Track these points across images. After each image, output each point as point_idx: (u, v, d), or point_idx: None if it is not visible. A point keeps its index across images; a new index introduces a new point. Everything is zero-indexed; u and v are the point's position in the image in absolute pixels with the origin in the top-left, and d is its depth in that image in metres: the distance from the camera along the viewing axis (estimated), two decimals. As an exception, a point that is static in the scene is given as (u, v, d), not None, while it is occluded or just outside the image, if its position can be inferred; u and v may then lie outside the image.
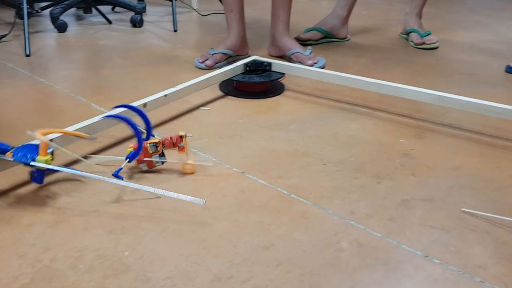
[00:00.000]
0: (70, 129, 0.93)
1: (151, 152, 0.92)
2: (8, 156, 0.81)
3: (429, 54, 1.87)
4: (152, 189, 0.80)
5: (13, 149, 0.81)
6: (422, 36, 1.96)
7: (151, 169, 0.94)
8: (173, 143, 0.93)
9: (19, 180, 0.89)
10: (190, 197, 0.77)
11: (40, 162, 0.79)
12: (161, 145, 0.92)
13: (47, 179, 0.89)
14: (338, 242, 0.73)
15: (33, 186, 0.87)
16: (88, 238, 0.74)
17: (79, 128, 0.94)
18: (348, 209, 0.82)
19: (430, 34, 1.98)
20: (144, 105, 1.07)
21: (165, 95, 1.13)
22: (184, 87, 1.19)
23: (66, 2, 2.17)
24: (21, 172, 0.90)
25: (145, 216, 0.79)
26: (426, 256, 0.71)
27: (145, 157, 0.92)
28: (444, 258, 0.71)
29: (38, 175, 0.83)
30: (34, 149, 0.81)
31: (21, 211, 0.80)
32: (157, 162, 0.93)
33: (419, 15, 2.05)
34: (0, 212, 0.79)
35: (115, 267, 0.68)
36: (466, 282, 0.66)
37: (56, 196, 0.84)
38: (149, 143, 0.91)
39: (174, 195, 0.78)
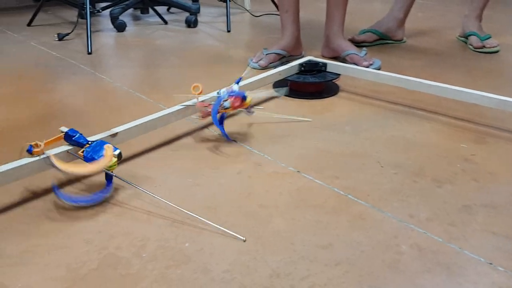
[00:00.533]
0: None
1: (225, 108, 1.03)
2: (80, 155, 0.84)
3: (489, 58, 1.81)
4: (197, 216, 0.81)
5: (86, 146, 0.84)
6: (482, 40, 1.90)
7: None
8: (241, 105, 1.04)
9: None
10: (231, 232, 0.76)
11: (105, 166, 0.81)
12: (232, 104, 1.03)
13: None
14: (397, 245, 0.72)
15: (97, 177, 0.91)
16: (151, 229, 0.76)
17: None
18: (407, 212, 0.81)
19: (490, 37, 1.91)
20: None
21: (218, 93, 1.14)
22: (240, 85, 1.20)
23: (126, 3, 2.25)
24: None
25: (203, 210, 0.81)
26: (490, 263, 0.69)
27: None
28: (509, 266, 0.68)
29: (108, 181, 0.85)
30: (99, 150, 0.83)
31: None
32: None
33: (479, 18, 1.98)
34: (62, 202, 0.83)
35: (177, 258, 0.70)
36: None
37: (120, 187, 0.88)
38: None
39: (216, 228, 0.77)
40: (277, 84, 1.42)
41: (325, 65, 1.41)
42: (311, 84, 1.37)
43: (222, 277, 0.66)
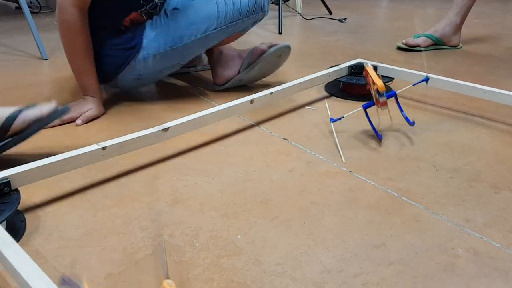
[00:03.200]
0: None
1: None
2: None
3: (551, 66, 1.73)
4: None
5: None
6: (544, 46, 1.82)
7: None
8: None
9: (139, 161, 0.96)
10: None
11: None
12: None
13: (161, 163, 0.96)
14: (453, 248, 0.71)
15: (154, 168, 0.94)
16: (203, 219, 0.78)
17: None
18: (463, 216, 0.79)
19: (553, 44, 1.83)
20: (251, 101, 1.10)
21: (271, 93, 1.15)
22: (289, 86, 1.20)
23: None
24: (141, 155, 0.98)
25: (255, 204, 0.82)
26: (554, 273, 0.66)
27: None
28: None
29: None
30: None
31: (142, 190, 0.86)
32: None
33: (542, 24, 1.90)
34: (125, 190, 0.87)
35: (228, 248, 0.71)
36: None
37: (174, 179, 0.90)
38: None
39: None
40: (329, 85, 1.42)
41: (375, 68, 1.39)
42: (363, 85, 1.35)
43: (274, 270, 0.66)
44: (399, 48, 1.93)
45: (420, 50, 1.89)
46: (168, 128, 0.95)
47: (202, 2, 1.21)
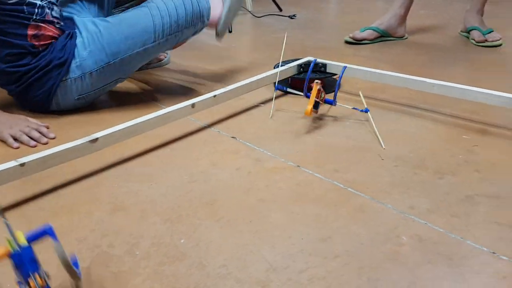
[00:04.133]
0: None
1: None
2: None
3: (491, 52, 1.79)
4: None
5: None
6: (484, 34, 1.87)
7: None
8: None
9: (79, 170, 0.92)
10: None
11: None
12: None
13: (102, 171, 0.92)
14: (397, 236, 0.71)
15: (94, 177, 0.90)
16: (144, 226, 0.75)
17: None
18: (408, 204, 0.79)
19: (492, 31, 1.89)
20: (192, 105, 1.06)
21: (214, 96, 1.11)
22: (233, 88, 1.16)
23: (121, 8, 2.24)
24: (81, 164, 0.93)
25: (200, 206, 0.80)
26: (493, 253, 0.67)
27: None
28: (514, 256, 0.66)
29: None
30: None
31: (80, 199, 0.83)
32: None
33: (481, 12, 1.95)
34: (62, 200, 0.82)
35: (171, 254, 0.68)
36: None
37: (114, 186, 0.87)
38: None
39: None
40: (279, 83, 1.41)
41: (325, 66, 1.39)
42: (311, 80, 1.35)
43: (218, 272, 0.64)
44: (347, 42, 1.95)
45: (367, 43, 1.92)
46: (98, 138, 0.89)
47: (136, 15, 1.18)
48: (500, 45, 1.86)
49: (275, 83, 1.39)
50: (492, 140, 1.02)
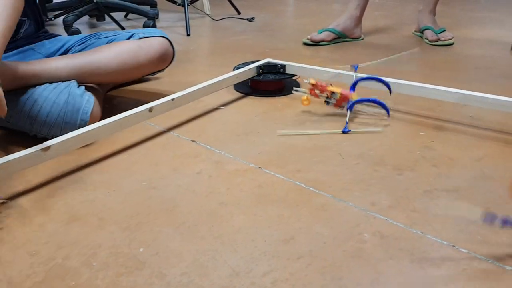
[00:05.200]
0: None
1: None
2: None
3: (444, 51, 1.84)
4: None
5: None
6: (436, 33, 1.93)
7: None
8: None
9: (32, 180, 0.88)
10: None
11: None
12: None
13: (56, 180, 0.88)
14: (359, 234, 0.71)
15: (48, 187, 0.86)
16: (102, 236, 0.72)
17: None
18: (369, 201, 0.79)
19: (444, 30, 1.95)
20: (150, 109, 1.03)
21: (172, 99, 1.09)
22: (192, 91, 1.14)
23: (79, 10, 2.18)
24: (33, 173, 0.89)
25: (160, 212, 0.78)
26: (453, 246, 0.68)
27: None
28: (472, 248, 0.67)
29: None
30: None
31: (34, 210, 0.79)
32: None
33: (433, 12, 2.01)
34: (13, 213, 0.78)
35: (130, 264, 0.66)
36: (496, 271, 0.63)
37: (69, 196, 0.83)
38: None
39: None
40: (239, 85, 1.40)
41: (283, 66, 1.39)
42: (271, 82, 1.35)
43: (179, 280, 0.62)
44: (305, 44, 1.96)
45: (325, 45, 1.93)
46: (50, 146, 0.85)
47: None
48: (452, 43, 1.92)
49: (235, 85, 1.39)
50: (448, 136, 1.05)
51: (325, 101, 1.17)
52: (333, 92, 1.15)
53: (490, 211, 0.69)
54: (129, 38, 1.18)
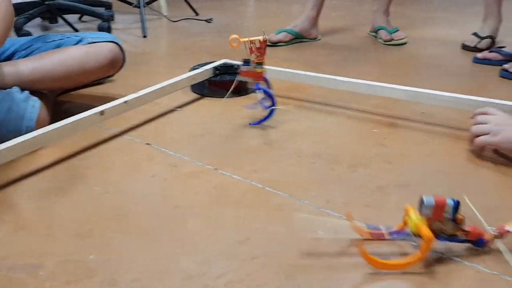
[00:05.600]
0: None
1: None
2: None
3: (398, 50, 1.89)
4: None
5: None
6: (390, 33, 1.98)
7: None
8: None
9: (-23, 189, 0.84)
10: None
11: None
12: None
13: (2, 189, 0.85)
14: (315, 232, 0.71)
15: (-8, 194, 0.82)
16: (50, 244, 0.69)
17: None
18: (324, 198, 0.80)
19: (398, 30, 2.00)
20: (101, 112, 1.00)
21: (125, 102, 1.06)
22: (146, 93, 1.12)
23: (30, 12, 2.11)
24: (-20, 181, 0.85)
25: (112, 218, 0.75)
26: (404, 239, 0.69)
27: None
28: (424, 241, 0.69)
29: None
30: None
31: (-22, 220, 0.75)
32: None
33: (387, 13, 2.06)
34: (-44, 223, 0.74)
35: (79, 272, 0.63)
36: (444, 262, 0.64)
37: (17, 204, 0.80)
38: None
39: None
40: (196, 86, 1.38)
41: (239, 67, 1.38)
42: (229, 82, 1.34)
43: (131, 287, 0.61)
44: (263, 44, 1.96)
45: (283, 45, 1.95)
46: None
47: None
48: (405, 43, 1.97)
49: (192, 86, 1.37)
50: (400, 132, 1.07)
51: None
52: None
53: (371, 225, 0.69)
54: (77, 43, 1.15)
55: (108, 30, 2.19)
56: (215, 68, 1.37)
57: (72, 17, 2.47)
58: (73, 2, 2.31)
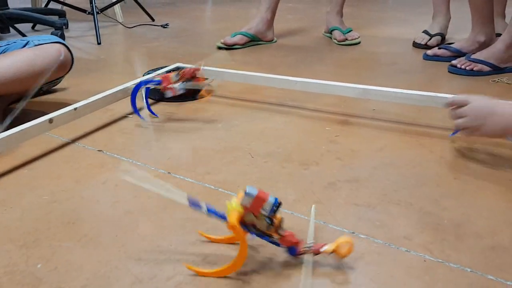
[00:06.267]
0: None
1: (173, 80, 1.10)
2: None
3: (352, 49, 1.93)
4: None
5: None
6: (344, 33, 2.02)
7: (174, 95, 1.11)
8: (191, 74, 1.11)
9: None
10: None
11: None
12: (182, 74, 1.10)
13: (-50, 200, 0.82)
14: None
15: None
16: (-4, 256, 0.67)
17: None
18: (275, 196, 0.81)
19: (351, 30, 2.04)
20: (50, 120, 0.98)
21: (75, 109, 1.05)
22: (96, 100, 1.10)
23: (-23, 22, 2.04)
24: None
25: (61, 226, 0.74)
26: (353, 233, 0.71)
27: (167, 85, 1.10)
28: (371, 233, 0.71)
29: None
30: None
31: None
32: (180, 89, 1.10)
33: (340, 13, 2.10)
34: None
35: (26, 282, 0.62)
36: (392, 253, 0.66)
37: (-40, 216, 0.77)
38: (173, 73, 1.11)
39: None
40: (151, 91, 1.37)
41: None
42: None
43: (79, 294, 0.60)
44: (219, 48, 1.97)
45: (238, 48, 1.96)
46: None
47: None
48: (359, 42, 2.02)
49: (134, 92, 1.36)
50: (352, 129, 1.09)
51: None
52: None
53: (193, 198, 0.65)
54: (24, 46, 1.12)
55: (61, 37, 2.15)
56: (168, 72, 1.36)
57: (25, 27, 2.41)
58: (26, 11, 2.26)
